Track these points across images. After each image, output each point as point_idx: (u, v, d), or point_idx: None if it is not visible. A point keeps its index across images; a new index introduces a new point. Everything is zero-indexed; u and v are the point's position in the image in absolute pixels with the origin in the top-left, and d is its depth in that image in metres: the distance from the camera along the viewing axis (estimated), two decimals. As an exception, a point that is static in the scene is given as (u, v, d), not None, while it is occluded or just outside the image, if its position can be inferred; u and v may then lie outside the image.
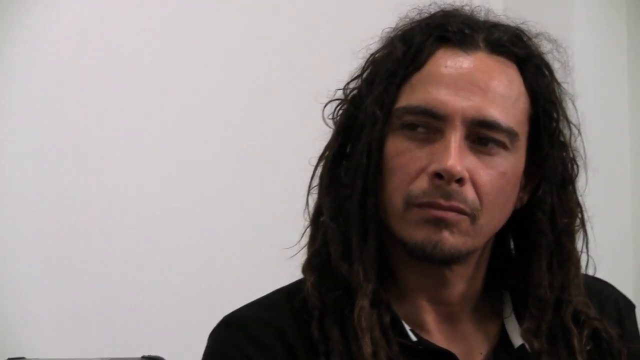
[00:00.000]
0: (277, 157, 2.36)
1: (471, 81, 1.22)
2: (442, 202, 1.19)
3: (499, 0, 2.80)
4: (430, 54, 1.24)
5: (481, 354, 1.28)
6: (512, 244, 1.33)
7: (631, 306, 1.37)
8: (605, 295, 1.36)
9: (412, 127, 1.22)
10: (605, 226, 1.37)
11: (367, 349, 1.20)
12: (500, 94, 1.23)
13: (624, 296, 1.38)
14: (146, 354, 1.76)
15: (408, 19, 1.30)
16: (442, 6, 1.30)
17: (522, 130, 1.24)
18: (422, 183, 1.20)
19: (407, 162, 1.22)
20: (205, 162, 2.45)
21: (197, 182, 2.43)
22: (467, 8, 1.30)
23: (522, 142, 1.25)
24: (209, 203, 2.44)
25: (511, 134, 1.22)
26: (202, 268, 2.40)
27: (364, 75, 1.29)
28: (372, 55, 1.30)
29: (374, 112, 1.24)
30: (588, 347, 1.28)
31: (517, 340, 1.28)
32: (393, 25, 1.31)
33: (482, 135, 1.21)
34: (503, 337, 1.29)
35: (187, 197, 2.42)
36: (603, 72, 2.88)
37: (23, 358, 1.90)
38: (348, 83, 1.30)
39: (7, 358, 1.87)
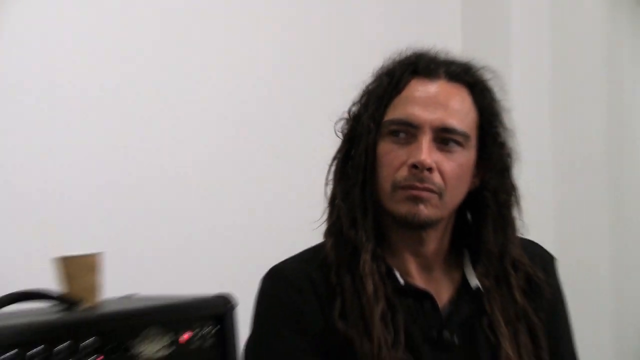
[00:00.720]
0: (305, 160, 2.51)
1: (436, 101, 1.37)
2: (418, 184, 1.35)
3: (459, 44, 3.06)
4: (406, 83, 1.40)
5: (448, 292, 1.44)
6: (468, 215, 1.48)
7: (553, 258, 1.53)
8: (536, 250, 1.51)
9: (395, 134, 1.37)
10: (533, 202, 1.46)
11: (370, 289, 1.35)
12: (457, 109, 1.38)
13: (547, 251, 1.54)
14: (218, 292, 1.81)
15: (391, 60, 1.46)
16: (415, 49, 1.45)
17: (473, 134, 1.40)
18: (403, 172, 1.36)
19: (392, 158, 1.37)
20: (252, 163, 2.64)
21: (250, 183, 2.63)
22: (432, 50, 1.45)
23: (473, 143, 1.40)
24: (267, 192, 2.65)
25: (465, 136, 1.38)
26: (263, 231, 2.61)
27: (362, 100, 1.44)
28: (366, 86, 1.45)
29: (369, 125, 1.39)
30: (523, 286, 1.42)
31: (474, 282, 1.43)
32: (380, 64, 1.46)
33: (444, 137, 1.37)
34: (464, 281, 1.44)
35: (242, 194, 2.59)
36: (530, 92, 3.14)
37: (134, 294, 1.94)
38: (351, 106, 1.46)
39: (119, 296, 1.88)
